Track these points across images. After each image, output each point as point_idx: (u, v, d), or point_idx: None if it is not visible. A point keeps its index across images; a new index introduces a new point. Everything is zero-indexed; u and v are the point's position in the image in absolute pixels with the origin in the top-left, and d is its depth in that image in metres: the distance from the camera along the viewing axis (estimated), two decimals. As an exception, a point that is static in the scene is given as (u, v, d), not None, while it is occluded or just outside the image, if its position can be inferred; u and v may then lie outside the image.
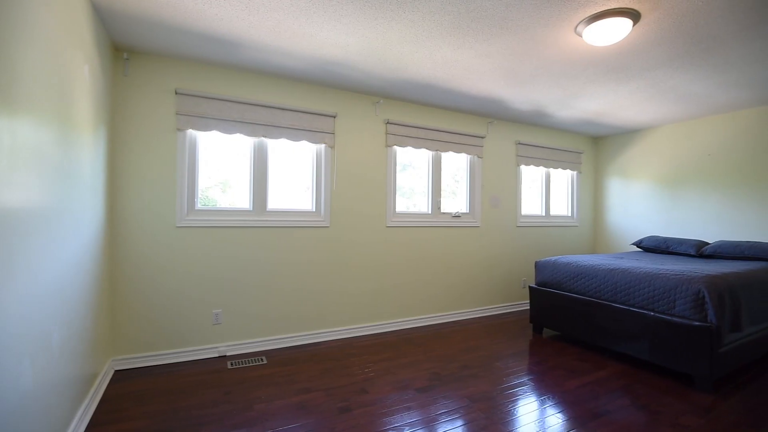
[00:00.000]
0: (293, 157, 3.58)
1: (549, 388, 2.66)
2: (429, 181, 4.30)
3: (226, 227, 3.21)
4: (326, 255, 3.63)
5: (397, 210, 4.07)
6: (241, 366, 2.96)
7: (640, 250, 4.89)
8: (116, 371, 2.83)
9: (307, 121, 3.47)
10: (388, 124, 3.91)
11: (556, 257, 3.87)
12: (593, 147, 5.70)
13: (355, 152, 3.77)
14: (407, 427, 2.14)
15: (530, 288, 3.90)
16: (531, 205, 5.16)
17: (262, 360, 3.08)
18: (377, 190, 3.90)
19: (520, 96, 3.80)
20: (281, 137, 3.37)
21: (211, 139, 3.23)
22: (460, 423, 2.19)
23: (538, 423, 2.20)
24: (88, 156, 2.20)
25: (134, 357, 2.91)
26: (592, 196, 5.70)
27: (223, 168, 3.32)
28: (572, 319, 3.43)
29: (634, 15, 2.23)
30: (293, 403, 2.40)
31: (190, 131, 3.11)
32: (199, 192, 3.20)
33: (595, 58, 2.89)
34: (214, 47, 2.80)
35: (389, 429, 2.12)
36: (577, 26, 2.40)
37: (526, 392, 2.58)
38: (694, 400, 2.48)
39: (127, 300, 2.89)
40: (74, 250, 1.99)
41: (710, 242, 4.33)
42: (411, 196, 4.26)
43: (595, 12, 2.23)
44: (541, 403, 2.43)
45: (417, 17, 2.33)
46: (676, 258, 3.91)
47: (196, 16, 2.36)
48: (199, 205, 3.18)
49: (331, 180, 3.65)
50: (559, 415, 2.29)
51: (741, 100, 3.80)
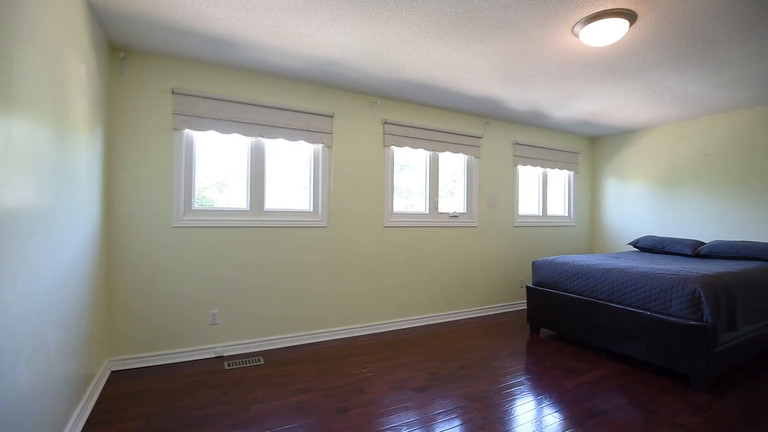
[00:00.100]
0: (291, 157, 3.57)
1: (546, 387, 2.66)
2: (426, 181, 4.30)
3: (223, 227, 3.20)
4: (324, 255, 3.63)
5: (394, 210, 4.07)
6: (238, 366, 2.95)
7: (636, 249, 4.91)
8: (113, 372, 2.81)
9: (304, 121, 3.47)
10: (385, 124, 3.92)
11: (553, 257, 3.89)
12: (590, 147, 5.72)
13: (352, 152, 3.77)
14: (405, 427, 2.14)
15: (527, 288, 3.91)
16: (528, 205, 5.17)
17: (259, 360, 3.07)
18: (375, 190, 3.90)
19: (518, 96, 3.80)
20: (278, 137, 3.36)
21: (209, 139, 3.22)
22: (457, 423, 2.19)
23: (536, 422, 2.21)
24: (84, 156, 2.19)
25: (131, 357, 2.90)
26: (589, 196, 5.72)
27: (220, 168, 3.31)
28: (569, 318, 3.44)
29: (630, 16, 2.24)
30: (291, 403, 2.40)
31: (187, 131, 3.10)
32: (196, 192, 3.19)
33: (592, 59, 2.90)
34: (211, 47, 2.79)
35: (387, 429, 2.12)
36: (574, 27, 2.40)
37: (524, 392, 2.59)
38: (690, 399, 2.49)
39: (123, 300, 2.88)
40: (70, 250, 1.98)
41: (706, 242, 4.36)
42: (408, 196, 4.26)
43: (592, 13, 2.24)
44: (539, 403, 2.44)
45: (414, 17, 2.33)
46: (672, 258, 3.92)
47: (193, 15, 2.35)
48: (196, 205, 3.17)
49: (329, 180, 3.64)
50: (556, 415, 2.29)
51: (737, 100, 3.83)
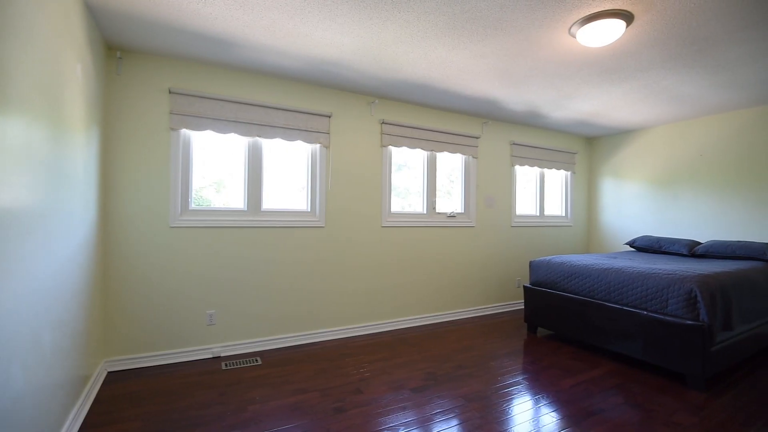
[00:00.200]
0: (288, 157, 3.56)
1: (543, 387, 2.67)
2: (424, 181, 4.30)
3: (220, 227, 3.19)
4: (321, 255, 3.62)
5: (392, 210, 4.07)
6: (235, 367, 2.94)
7: (633, 249, 4.93)
8: (109, 372, 2.80)
9: (302, 120, 3.46)
10: (383, 124, 3.91)
11: (550, 257, 3.89)
12: (587, 147, 5.73)
13: (350, 152, 3.76)
14: (402, 427, 2.14)
15: (525, 288, 3.92)
16: (525, 205, 5.18)
17: (256, 361, 3.07)
18: (372, 190, 3.90)
19: (515, 96, 3.81)
20: (276, 137, 3.35)
21: (206, 139, 3.21)
22: (455, 422, 2.19)
23: (533, 422, 2.21)
24: (80, 155, 2.18)
25: (127, 358, 2.89)
26: (585, 197, 5.74)
27: (217, 168, 3.30)
28: (566, 318, 3.45)
29: (627, 16, 2.25)
30: (288, 403, 2.39)
31: (184, 131, 3.09)
32: (193, 192, 3.18)
33: (589, 59, 2.91)
34: (208, 46, 2.78)
35: (384, 429, 2.12)
36: (571, 27, 2.41)
37: (521, 391, 2.59)
38: (686, 398, 2.50)
39: (120, 301, 2.87)
40: (66, 250, 1.97)
41: (702, 242, 4.38)
42: (406, 196, 4.26)
43: (589, 13, 2.25)
44: (536, 402, 2.44)
45: (412, 17, 2.33)
46: (668, 257, 3.94)
47: (190, 14, 2.34)
48: (193, 205, 3.16)
49: (326, 180, 3.64)
50: (553, 414, 2.30)
51: (733, 101, 3.85)
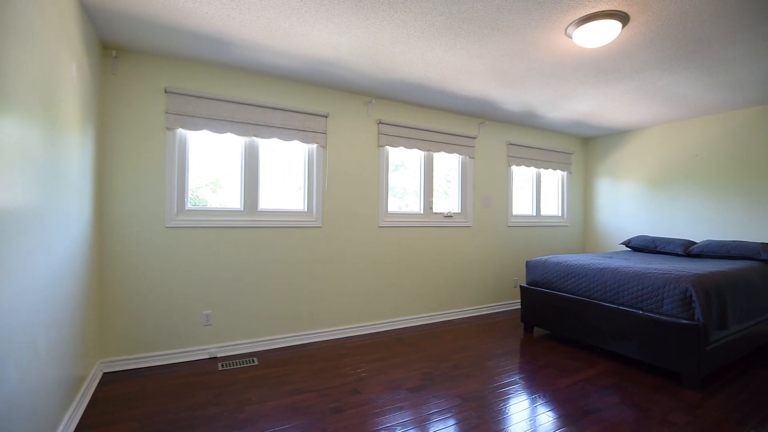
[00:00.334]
0: (285, 157, 3.56)
1: (540, 386, 2.68)
2: (421, 182, 4.31)
3: (216, 227, 3.18)
4: (318, 255, 3.62)
5: (389, 210, 4.07)
6: (232, 367, 2.93)
7: (629, 249, 4.95)
8: (105, 373, 2.78)
9: (298, 120, 3.46)
10: (380, 124, 3.91)
11: (546, 257, 3.91)
12: (583, 148, 5.76)
13: (347, 152, 3.76)
14: (399, 427, 2.14)
15: (521, 287, 3.93)
16: (522, 205, 5.20)
17: (253, 361, 3.06)
18: (369, 190, 3.90)
19: (512, 97, 3.82)
20: (272, 137, 3.35)
21: (202, 139, 3.20)
22: (452, 422, 2.19)
23: (530, 421, 2.22)
24: (75, 155, 2.17)
25: (123, 359, 2.87)
26: (582, 197, 5.76)
27: (213, 168, 3.29)
28: (563, 318, 3.46)
29: (623, 17, 2.26)
30: (285, 404, 2.39)
31: (180, 130, 3.07)
32: (189, 192, 3.17)
33: (585, 60, 2.92)
34: (204, 46, 2.77)
35: (381, 429, 2.12)
36: (567, 28, 2.42)
37: (518, 391, 2.60)
38: (682, 397, 2.51)
39: (115, 301, 2.85)
40: (62, 250, 1.96)
41: (697, 242, 4.40)
42: (403, 196, 4.27)
43: (585, 14, 2.26)
44: (532, 402, 2.45)
45: (409, 18, 2.33)
46: (664, 257, 3.96)
47: (186, 14, 2.33)
48: (189, 205, 3.15)
49: (323, 180, 3.63)
50: (549, 413, 2.31)
51: (728, 102, 3.87)
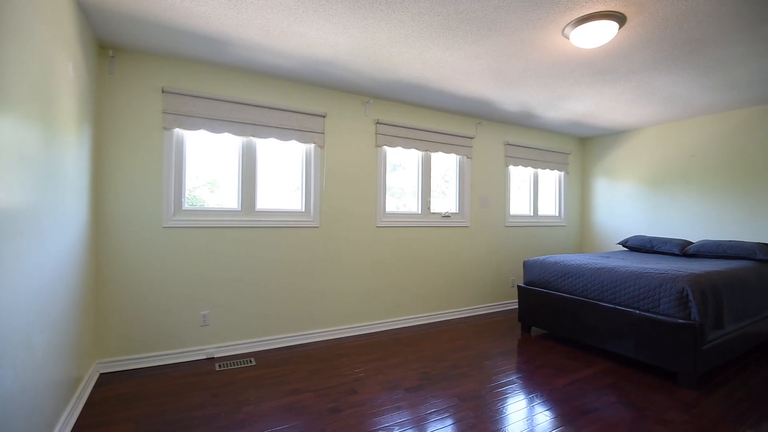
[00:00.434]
0: (282, 156, 3.55)
1: (537, 386, 2.68)
2: (419, 182, 4.31)
3: (214, 228, 3.17)
4: (316, 255, 3.61)
5: (387, 210, 4.07)
6: (229, 368, 2.93)
7: (625, 249, 4.97)
8: (102, 374, 2.77)
9: (296, 120, 3.45)
10: (378, 124, 3.91)
11: (543, 257, 3.92)
12: (580, 148, 5.77)
13: (344, 152, 3.76)
14: (397, 427, 2.14)
15: (519, 287, 3.94)
16: (519, 205, 5.21)
17: (250, 361, 3.05)
18: (367, 190, 3.90)
19: (509, 97, 3.83)
20: (270, 137, 3.34)
21: (199, 139, 3.19)
22: (449, 422, 2.20)
23: (527, 421, 2.22)
24: (72, 155, 2.16)
25: (120, 359, 2.86)
26: (579, 197, 5.78)
27: (211, 168, 3.28)
28: (560, 317, 3.47)
29: (619, 18, 2.27)
30: (282, 404, 2.39)
31: (177, 130, 3.07)
32: (187, 192, 3.16)
33: (582, 61, 2.93)
34: (201, 45, 2.77)
35: (379, 429, 2.12)
36: (564, 28, 2.43)
37: (515, 390, 2.61)
38: (678, 396, 2.52)
39: (112, 302, 2.84)
40: (58, 250, 1.95)
41: (694, 241, 4.42)
42: (401, 196, 4.27)
43: (582, 15, 2.26)
44: (530, 401, 2.46)
45: (406, 18, 2.33)
46: (660, 257, 3.98)
47: (183, 13, 2.33)
48: (186, 205, 3.14)
49: (321, 180, 3.63)
50: (547, 413, 2.31)
51: (724, 102, 3.89)
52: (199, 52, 2.89)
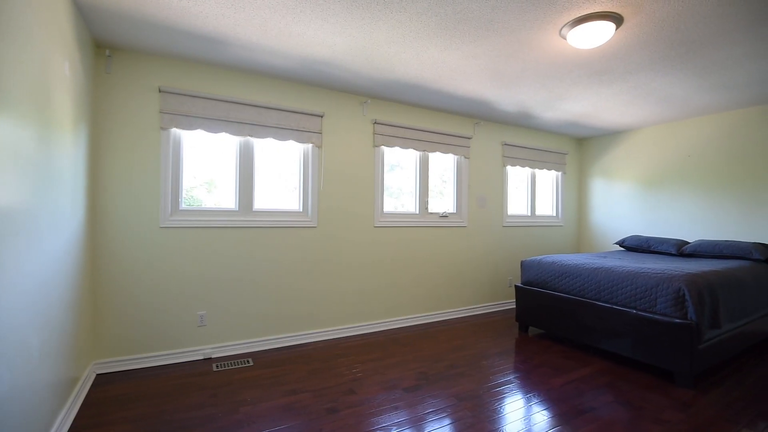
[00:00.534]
0: (280, 156, 3.55)
1: (535, 385, 2.69)
2: (416, 182, 4.31)
3: (211, 228, 3.16)
4: (313, 255, 3.61)
5: (384, 210, 4.07)
6: (226, 368, 2.92)
7: (622, 249, 4.98)
8: (98, 375, 2.76)
9: (294, 120, 3.45)
10: (375, 124, 3.91)
11: (541, 257, 3.92)
12: (577, 148, 5.79)
13: (342, 152, 3.76)
14: (395, 427, 2.14)
15: (516, 287, 3.94)
16: (517, 205, 5.22)
17: (248, 362, 3.05)
18: (365, 190, 3.90)
19: (507, 97, 3.83)
20: (268, 137, 3.34)
21: (196, 138, 3.18)
22: (447, 422, 2.20)
23: (525, 420, 2.23)
24: (68, 155, 2.15)
25: (117, 360, 2.85)
26: (576, 197, 5.80)
27: (208, 167, 3.27)
28: (557, 317, 3.48)
29: (616, 19, 2.27)
30: (280, 404, 2.38)
31: (174, 130, 3.06)
32: (184, 192, 3.15)
33: (579, 61, 2.93)
34: (199, 45, 2.76)
35: (377, 429, 2.12)
36: (561, 29, 2.43)
37: (513, 390, 2.61)
38: (675, 395, 2.53)
39: (109, 302, 2.83)
40: (54, 251, 1.94)
41: (690, 241, 4.44)
42: (399, 196, 4.27)
43: (579, 15, 2.27)
44: (527, 401, 2.46)
45: (404, 18, 2.33)
46: (657, 257, 3.99)
47: (180, 12, 2.32)
48: (183, 205, 3.13)
49: (319, 180, 3.63)
50: (544, 412, 2.32)
51: (720, 102, 3.91)
52: (197, 52, 2.88)
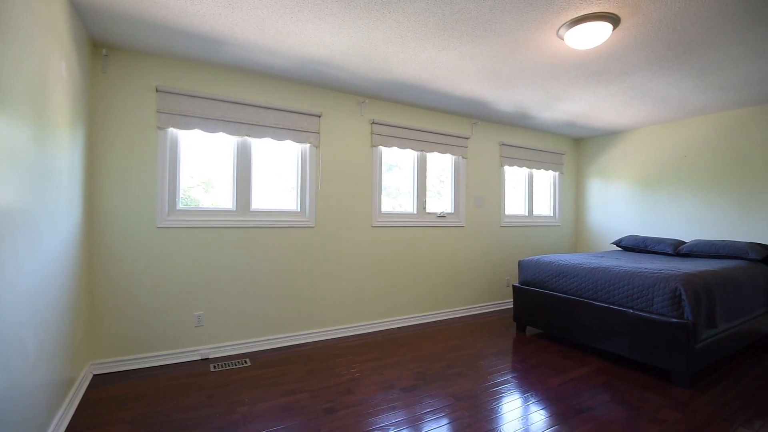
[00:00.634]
0: (277, 156, 3.54)
1: (532, 385, 2.69)
2: (414, 182, 4.31)
3: (208, 228, 3.16)
4: (311, 255, 3.61)
5: (382, 210, 4.07)
6: (224, 368, 2.91)
7: (619, 249, 5.00)
8: (95, 375, 2.75)
9: (291, 120, 3.44)
10: (373, 124, 3.91)
11: (538, 256, 3.93)
12: (575, 148, 5.80)
13: (340, 152, 3.76)
14: (392, 427, 2.14)
15: (514, 287, 3.95)
16: (514, 205, 5.23)
17: (245, 362, 3.04)
18: (363, 190, 3.90)
19: (504, 97, 3.84)
20: (265, 136, 3.33)
21: (194, 138, 3.17)
22: (445, 422, 2.20)
23: (522, 420, 2.23)
24: (65, 155, 2.14)
25: (114, 360, 2.84)
26: (573, 197, 5.81)
27: (205, 167, 3.26)
28: (555, 317, 3.49)
29: (614, 19, 2.28)
30: (278, 405, 2.38)
31: (171, 130, 3.05)
32: (181, 192, 3.14)
33: (576, 61, 2.94)
34: (196, 44, 2.75)
35: (375, 429, 2.12)
36: (559, 29, 2.44)
37: (510, 390, 2.61)
38: (672, 394, 2.54)
39: (106, 303, 2.82)
40: (51, 251, 1.93)
41: (687, 241, 4.46)
42: (397, 196, 4.27)
43: (576, 16, 2.28)
44: (525, 401, 2.46)
45: (402, 18, 2.34)
46: (654, 257, 4.01)
47: (177, 12, 2.31)
48: (180, 206, 3.12)
49: (316, 180, 3.62)
50: (542, 412, 2.32)
51: (717, 103, 3.93)
52: (194, 51, 2.87)
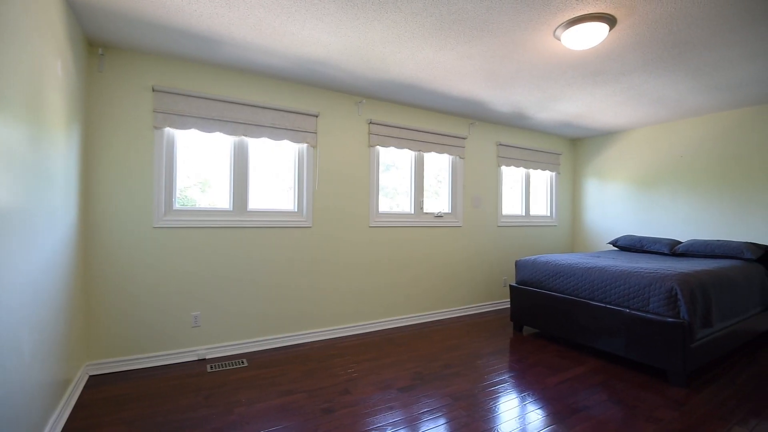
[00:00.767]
0: (275, 156, 3.54)
1: (529, 385, 2.70)
2: (412, 182, 4.31)
3: (205, 228, 3.15)
4: (308, 255, 3.60)
5: (380, 210, 4.07)
6: (221, 369, 2.91)
7: (616, 249, 5.02)
8: (91, 376, 2.74)
9: (288, 120, 3.44)
10: (370, 124, 3.91)
11: (535, 256, 3.94)
12: (571, 148, 5.82)
13: (337, 152, 3.75)
14: (390, 427, 2.14)
15: (511, 287, 3.96)
16: (511, 205, 5.24)
17: (242, 362, 3.03)
18: (360, 190, 3.90)
19: (501, 98, 3.85)
20: (262, 136, 3.32)
21: (190, 138, 3.16)
22: (442, 421, 2.20)
23: (519, 419, 2.23)
24: (61, 155, 2.13)
25: (110, 361, 2.83)
26: (570, 197, 5.83)
27: (202, 167, 3.25)
28: (552, 316, 3.50)
29: (610, 20, 2.29)
30: (275, 405, 2.37)
31: (168, 129, 3.04)
32: (177, 192, 3.13)
33: (573, 62, 2.95)
34: (193, 44, 2.74)
35: (372, 429, 2.12)
36: (555, 30, 2.45)
37: (507, 389, 2.62)
38: (668, 394, 2.56)
39: (102, 303, 2.81)
40: (47, 251, 1.92)
41: (683, 241, 4.48)
42: (394, 196, 4.27)
43: (573, 17, 2.29)
44: (522, 400, 2.47)
45: (399, 18, 2.34)
46: (650, 256, 4.03)
47: (174, 11, 2.31)
48: (177, 205, 3.11)
49: (314, 180, 3.62)
50: (539, 411, 2.33)
51: (713, 104, 3.95)
52: (191, 51, 2.86)
